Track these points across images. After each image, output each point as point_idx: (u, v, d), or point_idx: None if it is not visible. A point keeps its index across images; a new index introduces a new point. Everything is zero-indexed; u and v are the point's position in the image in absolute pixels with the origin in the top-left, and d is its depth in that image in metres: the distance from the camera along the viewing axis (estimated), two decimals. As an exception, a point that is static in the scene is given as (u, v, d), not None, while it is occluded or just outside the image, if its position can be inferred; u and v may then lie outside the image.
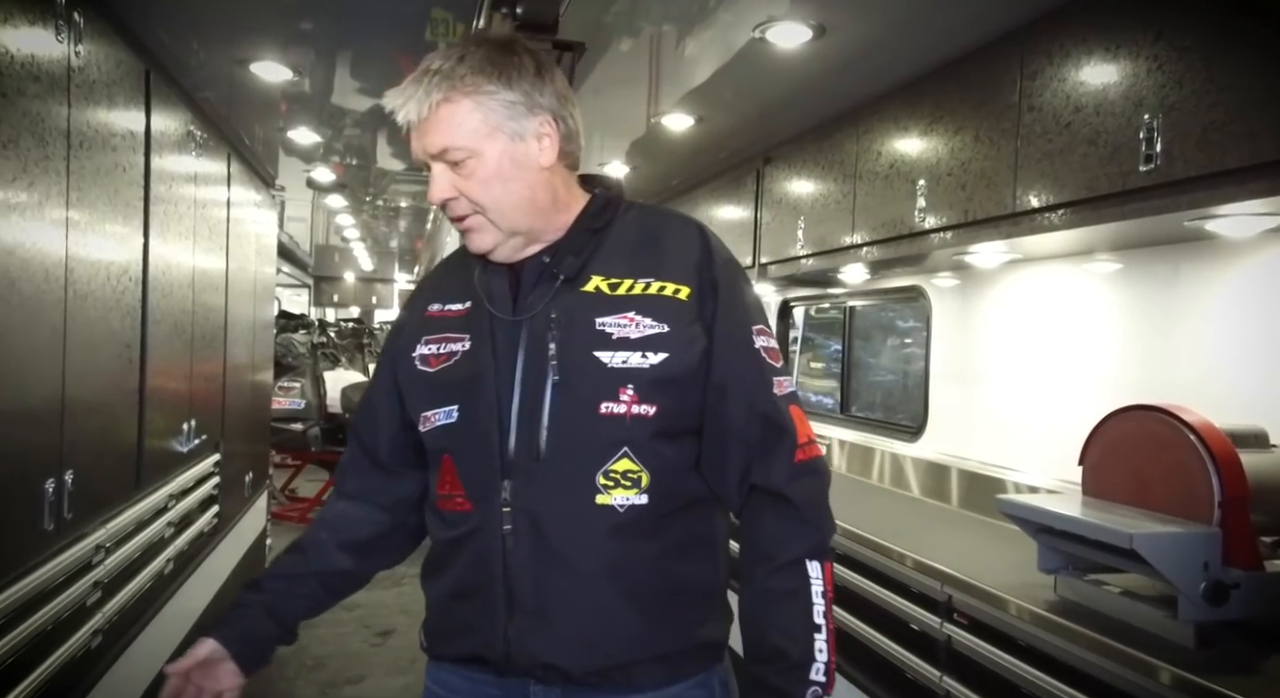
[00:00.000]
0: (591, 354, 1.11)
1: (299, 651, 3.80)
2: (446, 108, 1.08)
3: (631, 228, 1.20)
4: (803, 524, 1.13)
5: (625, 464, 1.11)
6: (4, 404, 1.54)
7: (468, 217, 1.13)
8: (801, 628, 1.11)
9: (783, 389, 1.16)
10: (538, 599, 1.13)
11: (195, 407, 2.89)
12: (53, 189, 1.72)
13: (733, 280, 1.18)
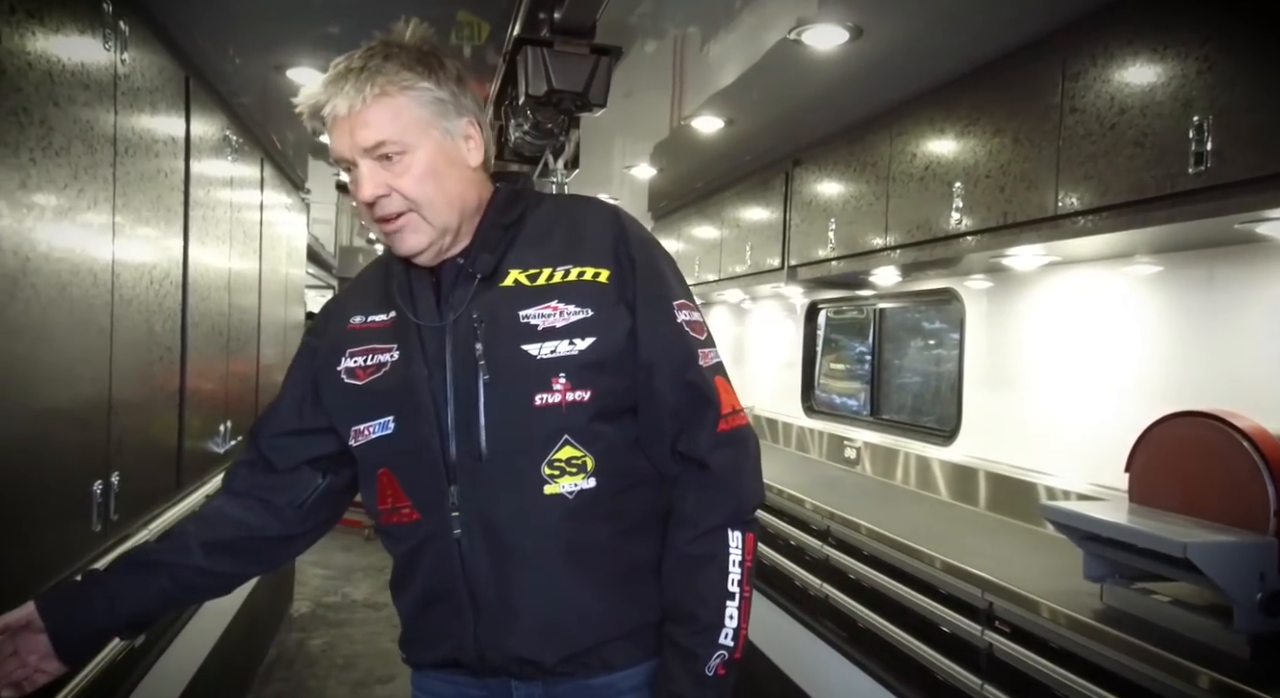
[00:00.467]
0: (519, 348, 1.12)
1: (329, 649, 3.83)
2: (382, 102, 1.07)
3: (545, 218, 1.20)
4: (722, 493, 1.14)
5: (568, 451, 1.12)
6: (57, 406, 1.57)
7: (400, 215, 1.11)
8: (715, 594, 1.13)
9: (708, 360, 1.17)
10: (500, 597, 1.14)
11: (230, 407, 2.93)
12: (100, 194, 1.75)
13: (650, 257, 1.18)
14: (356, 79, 1.06)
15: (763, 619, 3.03)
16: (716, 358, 1.19)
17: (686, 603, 1.13)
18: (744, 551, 1.14)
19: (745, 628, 1.13)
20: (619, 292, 1.14)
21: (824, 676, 2.67)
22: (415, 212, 1.11)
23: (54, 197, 1.52)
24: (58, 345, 1.55)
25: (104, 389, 1.78)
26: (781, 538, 2.98)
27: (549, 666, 1.15)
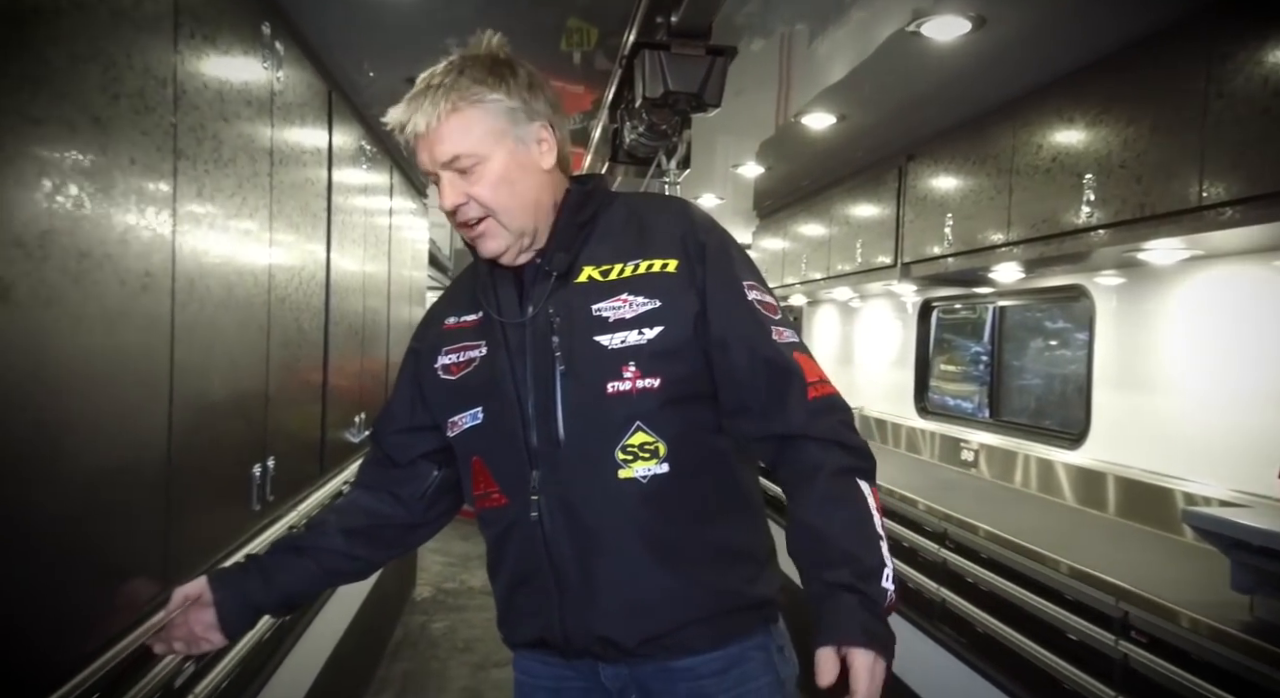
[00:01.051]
0: (592, 340, 1.16)
1: (450, 633, 4.02)
2: (455, 117, 1.13)
3: (617, 216, 1.24)
4: (836, 450, 1.13)
5: (640, 437, 1.15)
6: (226, 398, 1.72)
7: (480, 221, 1.18)
8: (866, 533, 1.09)
9: (782, 338, 1.17)
10: (582, 578, 1.18)
11: (363, 401, 3.11)
12: (260, 202, 1.90)
13: (718, 242, 1.21)
14: (432, 96, 1.13)
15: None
16: (793, 337, 1.19)
17: (840, 545, 1.08)
18: (874, 501, 1.12)
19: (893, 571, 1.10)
20: (688, 279, 1.17)
21: (940, 680, 2.61)
22: (493, 218, 1.17)
23: (223, 204, 1.67)
24: (227, 342, 1.71)
25: (262, 383, 1.94)
26: (893, 539, 2.93)
27: (630, 647, 1.18)
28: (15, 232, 0.95)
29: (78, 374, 1.12)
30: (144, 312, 1.31)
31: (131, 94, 1.24)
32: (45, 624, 1.07)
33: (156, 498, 1.39)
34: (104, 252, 1.17)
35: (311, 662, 2.49)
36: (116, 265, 1.21)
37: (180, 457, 1.45)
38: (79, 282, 1.11)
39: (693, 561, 1.18)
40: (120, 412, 1.25)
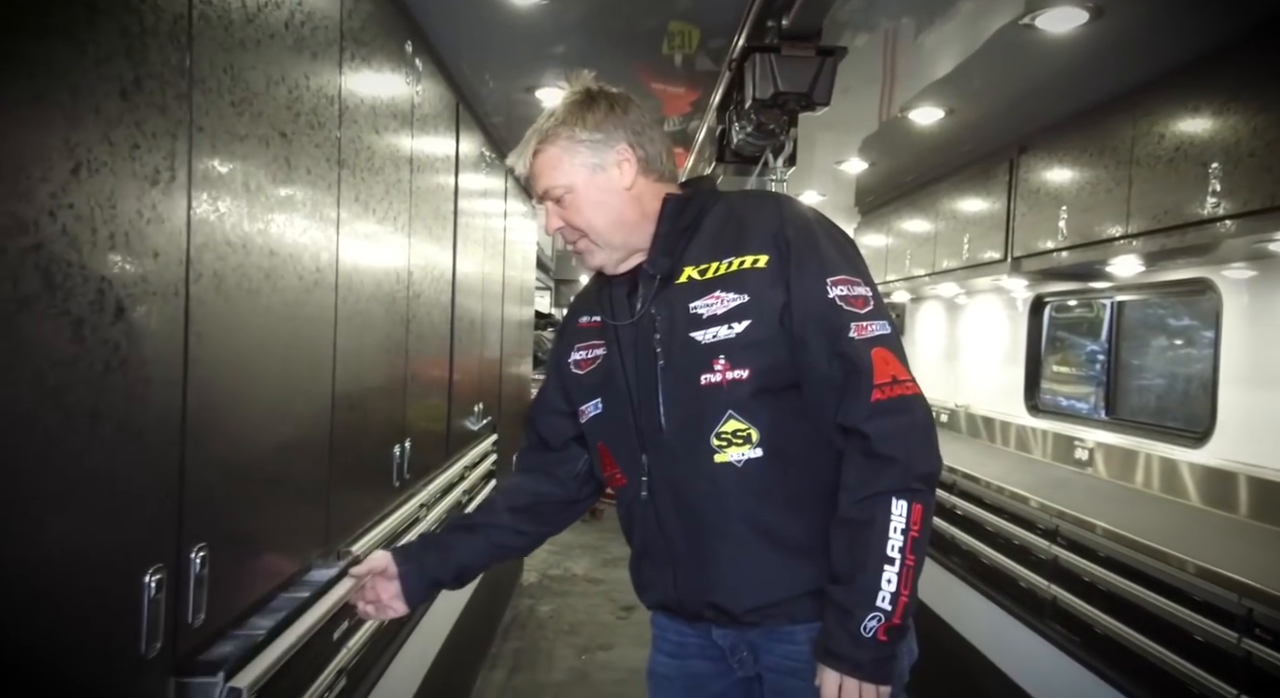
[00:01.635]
0: (688, 336, 1.27)
1: (556, 616, 4.19)
2: (541, 157, 1.31)
3: (718, 217, 1.33)
4: (883, 459, 1.18)
5: (733, 424, 1.24)
6: (376, 383, 1.90)
7: (577, 241, 1.34)
8: (871, 557, 1.16)
9: (864, 333, 1.21)
10: (690, 552, 1.31)
11: (481, 393, 3.31)
12: (402, 206, 2.09)
13: (807, 236, 1.26)
14: (526, 142, 1.33)
15: (983, 619, 2.97)
16: (879, 330, 1.22)
17: (844, 564, 1.19)
18: (909, 519, 1.16)
19: (907, 596, 1.16)
20: (777, 273, 1.24)
21: (1050, 678, 2.57)
22: (587, 237, 1.33)
23: (374, 209, 1.85)
24: (376, 334, 1.89)
25: (403, 372, 2.12)
26: (1004, 537, 2.90)
27: (738, 614, 1.29)
28: (226, 232, 1.12)
29: (268, 354, 1.30)
30: (315, 303, 1.48)
31: (308, 111, 1.41)
32: (241, 562, 1.25)
33: (321, 469, 1.56)
34: (287, 251, 1.34)
35: (435, 634, 2.69)
36: (296, 263, 1.38)
37: (339, 434, 1.62)
38: (269, 277, 1.28)
39: (793, 539, 1.27)
40: (296, 390, 1.43)
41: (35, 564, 0.78)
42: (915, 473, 1.18)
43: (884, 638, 1.15)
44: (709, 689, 1.39)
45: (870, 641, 1.15)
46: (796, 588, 1.26)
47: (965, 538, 3.14)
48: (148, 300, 0.93)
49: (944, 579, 3.28)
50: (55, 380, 0.78)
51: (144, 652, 0.96)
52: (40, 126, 0.75)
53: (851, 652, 1.16)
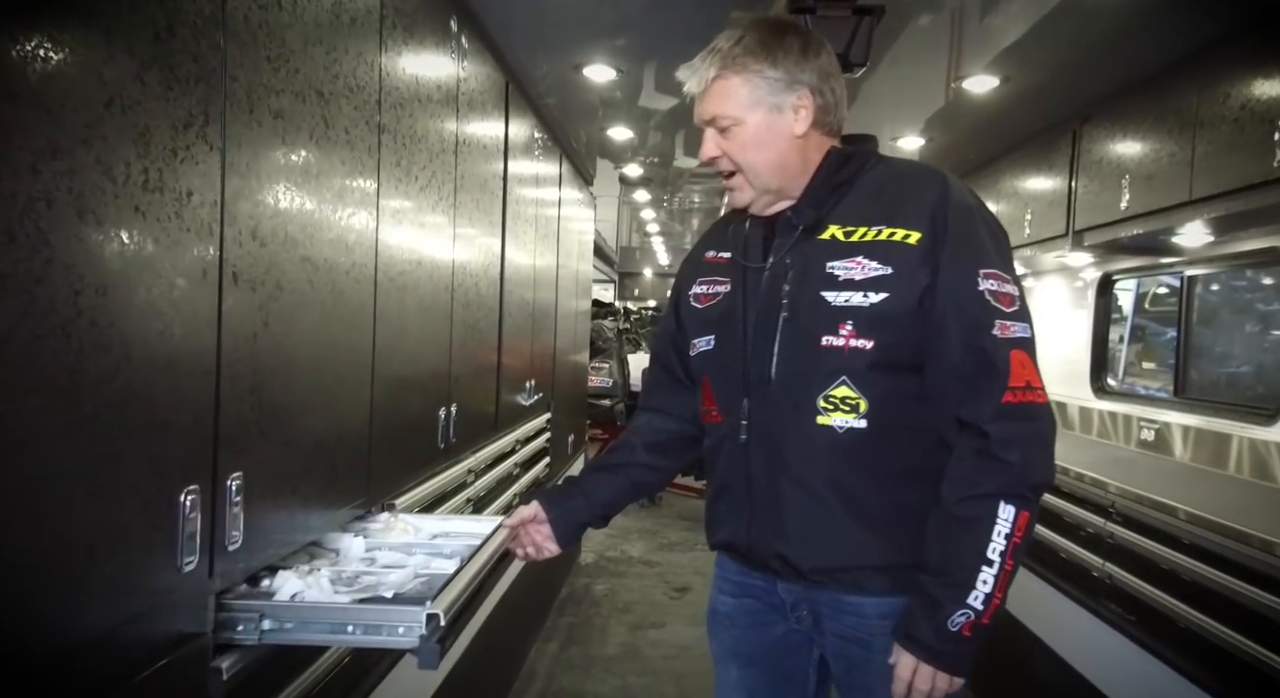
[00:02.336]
0: (819, 294, 1.26)
1: (610, 595, 4.24)
2: (719, 83, 1.28)
3: (875, 180, 1.31)
4: (998, 462, 1.17)
5: (844, 391, 1.25)
6: (419, 344, 1.96)
7: (731, 175, 1.32)
8: (971, 555, 1.17)
9: (1006, 333, 1.20)
10: (770, 501, 1.32)
11: (534, 371, 3.38)
12: (446, 188, 2.14)
13: (967, 223, 1.23)
14: (705, 61, 1.30)
15: (1038, 601, 2.88)
16: (1021, 333, 1.21)
17: (941, 558, 1.20)
18: (1014, 525, 1.17)
19: (1000, 599, 1.17)
20: (927, 252, 1.22)
21: (1103, 656, 2.48)
22: (741, 174, 1.31)
23: (418, 195, 1.91)
24: (419, 296, 1.95)
25: (446, 337, 2.19)
26: (1066, 518, 2.80)
27: (804, 570, 1.31)
28: (260, 181, 1.19)
29: (305, 303, 1.37)
30: (354, 261, 1.55)
31: (345, 75, 1.48)
32: (278, 498, 1.32)
33: (361, 419, 1.63)
34: (325, 208, 1.41)
35: (485, 605, 2.75)
36: (333, 221, 1.45)
37: (381, 388, 1.69)
38: (305, 229, 1.35)
39: (876, 514, 1.27)
40: (335, 341, 1.50)
41: (74, 468, 0.85)
42: (1029, 481, 1.18)
43: (969, 634, 1.17)
44: (771, 631, 1.42)
45: (955, 635, 1.17)
46: (865, 559, 1.28)
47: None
48: (180, 237, 1.00)
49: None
50: (89, 300, 0.85)
51: (180, 566, 1.03)
52: (76, 60, 0.82)
53: (934, 642, 1.18)
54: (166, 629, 1.04)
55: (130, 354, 0.92)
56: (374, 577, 1.33)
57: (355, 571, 1.36)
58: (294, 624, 1.18)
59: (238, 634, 1.18)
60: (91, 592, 0.89)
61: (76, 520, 0.86)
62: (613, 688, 3.24)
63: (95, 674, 0.91)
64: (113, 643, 0.93)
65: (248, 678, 1.21)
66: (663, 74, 3.06)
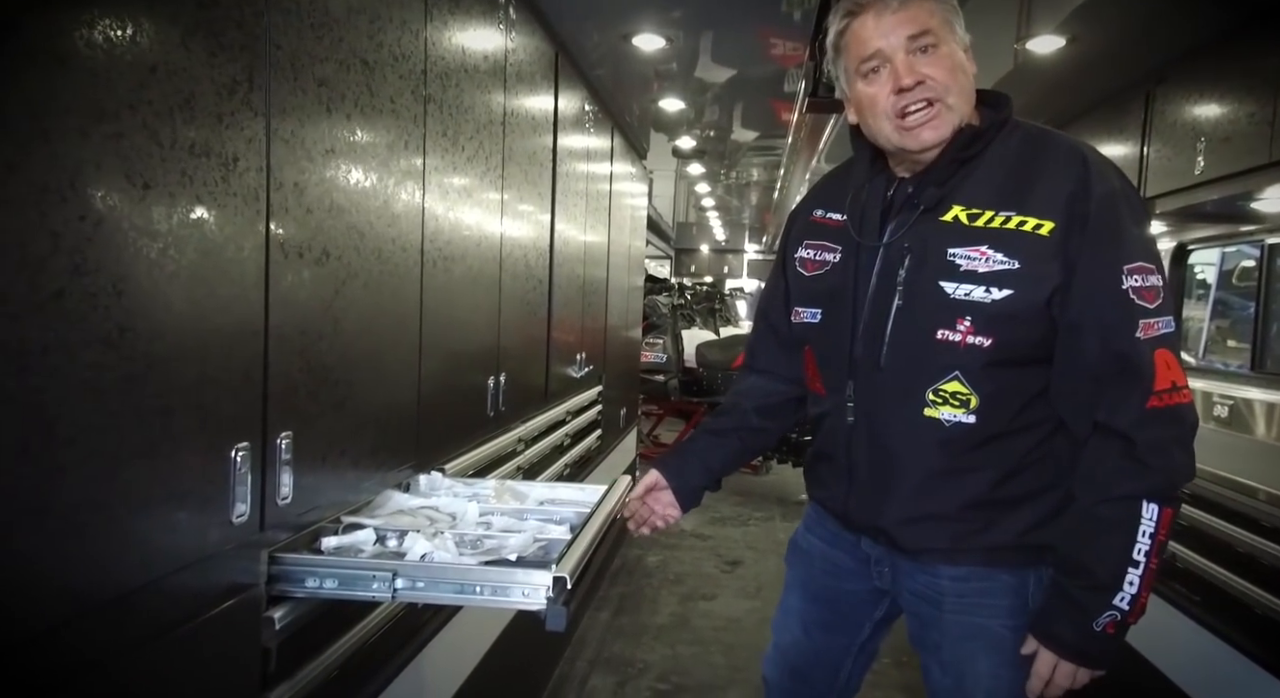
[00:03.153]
0: (937, 283, 1.20)
1: (662, 566, 4.28)
2: (925, 3, 1.19)
3: (1008, 156, 1.22)
4: (1145, 467, 1.13)
5: (955, 386, 1.21)
6: (467, 312, 1.99)
7: (930, 104, 1.18)
8: (1116, 557, 1.14)
9: (1150, 332, 1.13)
10: (872, 480, 1.33)
11: (585, 344, 3.40)
12: (494, 160, 2.16)
13: (1110, 214, 1.15)
14: None
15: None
16: (1165, 329, 1.15)
17: (1083, 559, 1.17)
18: (1158, 524, 1.13)
19: (1145, 597, 1.15)
20: (1060, 246, 1.15)
21: (1170, 641, 2.40)
22: (942, 101, 1.19)
23: (465, 166, 1.93)
24: (466, 266, 1.98)
25: (495, 307, 2.22)
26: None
27: (901, 545, 1.33)
28: (307, 148, 1.22)
29: (351, 270, 1.40)
30: (400, 230, 1.58)
31: (391, 43, 1.50)
32: (327, 458, 1.36)
33: (409, 386, 1.67)
34: (370, 176, 1.44)
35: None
36: (380, 188, 1.47)
37: (429, 355, 1.72)
38: (350, 196, 1.38)
39: (977, 496, 1.27)
40: (380, 307, 1.53)
41: (129, 421, 0.89)
42: (1175, 481, 1.16)
43: (1113, 631, 1.16)
44: (844, 583, 1.46)
45: (1100, 634, 1.16)
46: (961, 542, 1.28)
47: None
48: (227, 201, 1.04)
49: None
50: (136, 262, 0.89)
51: (232, 519, 1.08)
52: (120, 25, 0.85)
53: (1078, 642, 1.18)
54: (219, 579, 1.09)
55: (179, 313, 0.96)
56: (495, 541, 1.39)
57: (477, 534, 1.42)
58: (425, 583, 1.24)
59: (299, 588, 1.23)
60: (148, 539, 0.94)
61: (131, 471, 0.90)
62: (662, 656, 3.28)
63: (153, 618, 0.96)
64: (168, 590, 0.98)
65: (299, 630, 1.26)
66: (718, 44, 3.02)
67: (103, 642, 0.89)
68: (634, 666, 3.20)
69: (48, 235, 0.78)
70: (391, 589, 1.24)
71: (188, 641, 1.02)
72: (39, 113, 0.76)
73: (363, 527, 1.39)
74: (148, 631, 0.95)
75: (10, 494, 0.76)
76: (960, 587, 1.29)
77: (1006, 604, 1.28)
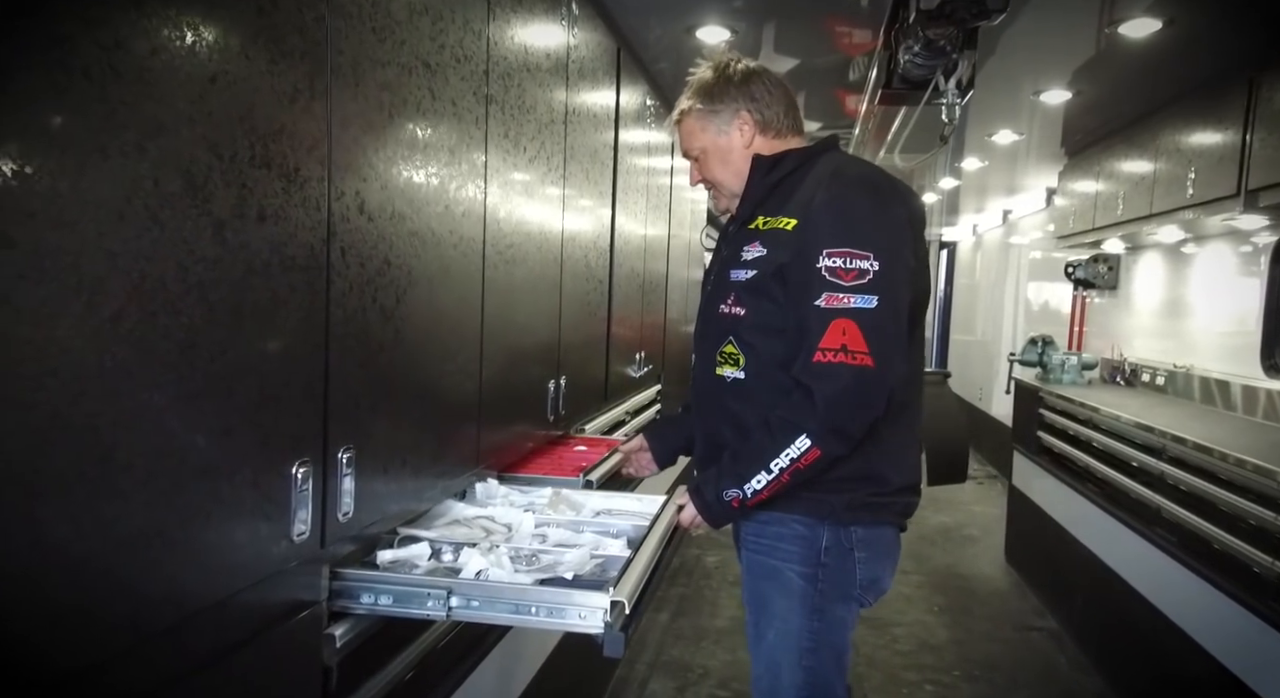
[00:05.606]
0: (726, 271, 1.61)
1: (722, 567, 4.20)
2: (681, 126, 1.71)
3: (797, 178, 1.59)
4: (809, 407, 1.44)
5: (730, 348, 1.59)
6: (528, 317, 1.96)
7: (711, 190, 1.73)
8: (759, 460, 1.47)
9: (833, 303, 1.43)
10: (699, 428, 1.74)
11: (644, 343, 3.35)
12: (555, 160, 2.11)
13: (827, 210, 1.48)
14: (674, 111, 1.72)
15: (1197, 600, 2.63)
16: (858, 304, 1.42)
17: (741, 451, 1.52)
18: (803, 456, 1.44)
19: (764, 496, 1.47)
20: (796, 237, 1.50)
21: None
22: (716, 188, 1.71)
23: (527, 167, 1.89)
24: (527, 268, 1.94)
25: (556, 311, 2.18)
26: (1242, 518, 2.52)
27: None
28: (369, 155, 1.18)
29: (413, 277, 1.37)
30: (462, 233, 1.54)
31: (453, 44, 1.46)
32: (388, 470, 1.34)
33: (470, 392, 1.64)
34: (432, 182, 1.40)
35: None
36: (441, 193, 1.44)
37: (490, 361, 1.69)
38: (412, 204, 1.34)
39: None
40: (442, 314, 1.50)
41: (189, 441, 0.87)
42: (827, 427, 1.44)
43: (735, 506, 1.50)
44: None
45: (725, 503, 1.51)
46: None
47: (1179, 512, 2.78)
48: (289, 212, 1.01)
49: (1152, 555, 2.94)
50: (197, 277, 0.86)
51: (293, 536, 1.06)
52: (178, 35, 0.82)
53: (705, 500, 1.54)
54: (281, 597, 1.07)
55: (240, 329, 0.93)
56: (550, 556, 1.36)
57: (532, 548, 1.40)
58: (480, 602, 1.22)
59: (357, 604, 1.21)
60: (207, 562, 0.92)
61: (192, 492, 0.88)
62: (722, 662, 3.22)
63: (214, 640, 0.94)
64: (231, 611, 0.96)
65: (360, 646, 1.24)
66: (781, 35, 2.92)
67: (163, 668, 0.87)
68: (694, 671, 3.15)
69: (104, 255, 0.75)
70: (446, 608, 1.21)
71: (249, 661, 1.00)
72: (95, 128, 0.74)
73: (418, 539, 1.37)
74: (209, 654, 0.94)
75: (73, 522, 0.74)
76: (759, 529, 1.60)
77: (799, 552, 1.56)
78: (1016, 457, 4.53)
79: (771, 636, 1.60)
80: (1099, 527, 3.39)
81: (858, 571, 1.58)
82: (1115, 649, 3.23)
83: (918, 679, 3.19)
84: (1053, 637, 3.65)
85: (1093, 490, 3.50)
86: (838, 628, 1.59)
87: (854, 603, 1.61)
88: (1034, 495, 4.27)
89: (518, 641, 1.95)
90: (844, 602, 1.59)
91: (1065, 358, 4.35)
